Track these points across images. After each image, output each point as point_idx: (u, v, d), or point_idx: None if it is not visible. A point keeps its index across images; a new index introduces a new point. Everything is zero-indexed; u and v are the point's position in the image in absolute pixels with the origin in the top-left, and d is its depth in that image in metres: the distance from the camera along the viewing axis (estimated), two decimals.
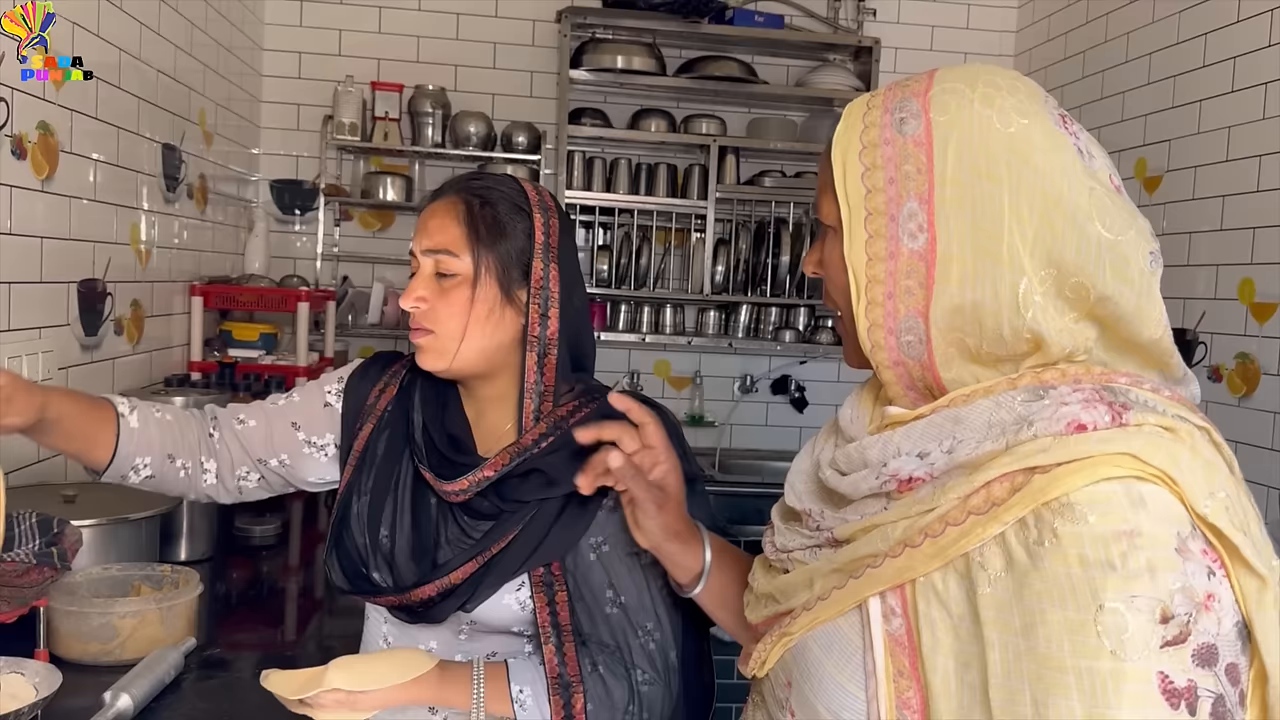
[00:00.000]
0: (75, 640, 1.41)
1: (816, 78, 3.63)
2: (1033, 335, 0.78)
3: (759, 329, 3.71)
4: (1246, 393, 2.51)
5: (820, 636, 0.84)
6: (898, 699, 0.77)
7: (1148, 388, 0.79)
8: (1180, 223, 2.80)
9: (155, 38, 2.51)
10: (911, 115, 0.81)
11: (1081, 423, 0.74)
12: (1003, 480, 0.74)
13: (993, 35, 3.86)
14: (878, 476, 0.81)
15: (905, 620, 0.77)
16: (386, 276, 3.64)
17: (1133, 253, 0.79)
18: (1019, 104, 0.79)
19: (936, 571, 0.76)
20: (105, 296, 2.27)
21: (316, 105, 3.57)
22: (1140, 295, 0.79)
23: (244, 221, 3.40)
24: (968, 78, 0.81)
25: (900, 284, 0.80)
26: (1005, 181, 0.77)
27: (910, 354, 0.81)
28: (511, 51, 3.71)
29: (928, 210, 0.79)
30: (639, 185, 3.62)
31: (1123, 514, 0.70)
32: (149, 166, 2.51)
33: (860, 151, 0.82)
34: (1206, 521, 0.72)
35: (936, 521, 0.76)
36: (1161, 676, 0.68)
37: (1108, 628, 0.68)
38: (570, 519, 1.23)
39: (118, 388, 2.35)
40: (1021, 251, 0.77)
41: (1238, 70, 2.60)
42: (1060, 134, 0.79)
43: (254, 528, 2.23)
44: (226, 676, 1.45)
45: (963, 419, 0.78)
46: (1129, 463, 0.72)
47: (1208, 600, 0.70)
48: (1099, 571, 0.69)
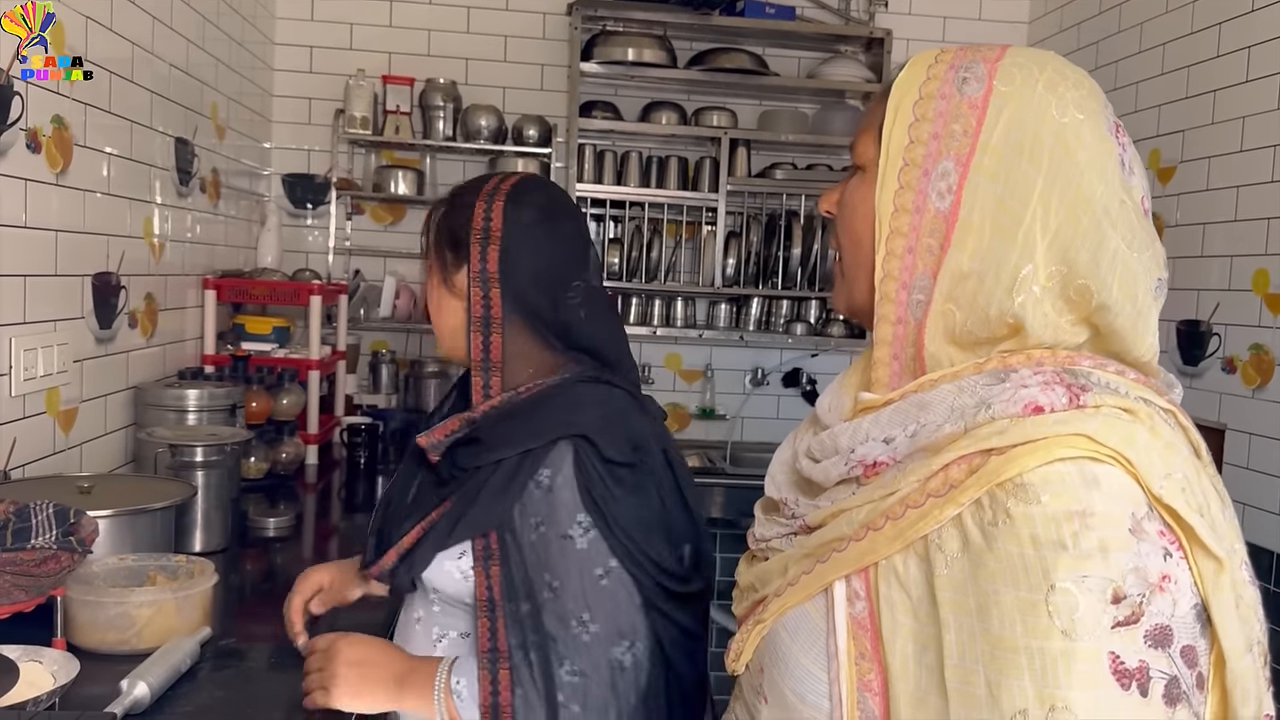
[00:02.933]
0: (92, 629, 1.42)
1: (828, 69, 3.62)
2: (1015, 321, 0.78)
3: (770, 322, 3.71)
4: (1260, 384, 2.50)
5: (789, 621, 0.84)
6: (859, 681, 0.77)
7: (1112, 370, 0.79)
8: (1194, 214, 2.79)
9: (168, 32, 2.52)
10: (975, 78, 0.80)
11: (1039, 404, 0.74)
12: (960, 462, 0.75)
13: (1005, 26, 3.84)
14: (846, 463, 0.82)
15: (868, 603, 0.78)
16: (398, 270, 3.65)
17: (1143, 273, 0.79)
18: (1080, 98, 0.79)
19: (898, 554, 0.76)
20: (119, 290, 2.28)
21: (328, 99, 3.58)
22: (1139, 315, 0.80)
23: (256, 215, 3.41)
24: (1039, 60, 0.81)
25: (922, 240, 0.80)
26: (1044, 166, 0.78)
27: (915, 314, 0.81)
28: (522, 45, 3.71)
29: (961, 173, 0.79)
30: (650, 178, 3.62)
31: (1075, 494, 0.70)
32: (162, 160, 2.52)
33: (916, 102, 0.82)
34: (1162, 502, 0.71)
35: (897, 504, 0.76)
36: (1112, 656, 0.68)
37: (1059, 608, 0.68)
38: (498, 487, 1.23)
39: (131, 380, 2.37)
40: (1039, 239, 0.77)
41: (1252, 60, 2.58)
42: (1110, 140, 0.79)
43: (268, 519, 2.24)
44: (241, 666, 1.46)
45: (927, 403, 0.79)
46: (1083, 443, 0.72)
47: (1162, 581, 0.70)
48: (1050, 551, 0.69)
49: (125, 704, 1.24)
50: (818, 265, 3.58)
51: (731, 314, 3.74)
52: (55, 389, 2.00)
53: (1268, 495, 2.45)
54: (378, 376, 3.58)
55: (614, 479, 1.21)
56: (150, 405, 2.34)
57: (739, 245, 3.59)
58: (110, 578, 1.51)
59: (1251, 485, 2.51)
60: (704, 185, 3.59)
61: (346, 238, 3.64)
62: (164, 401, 2.34)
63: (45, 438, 1.97)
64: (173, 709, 1.29)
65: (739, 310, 3.74)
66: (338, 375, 3.28)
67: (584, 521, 1.20)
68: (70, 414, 2.07)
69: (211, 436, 2.09)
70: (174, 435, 2.09)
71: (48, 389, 1.97)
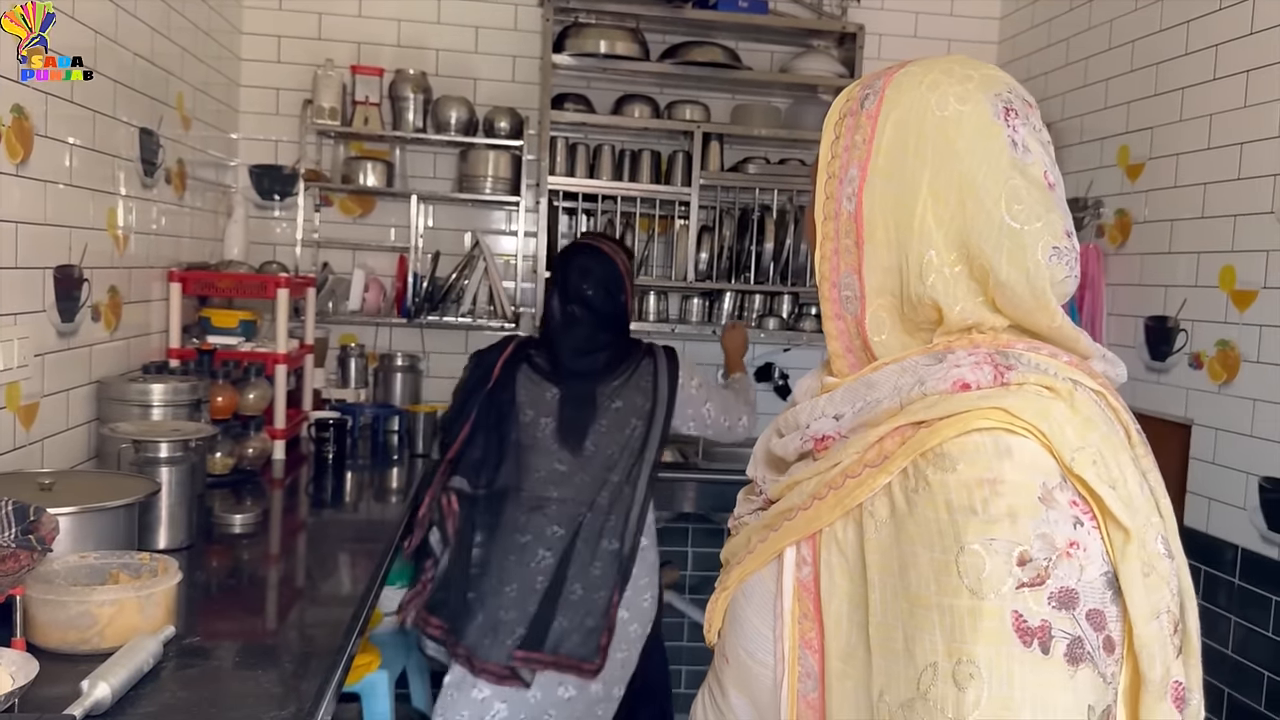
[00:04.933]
0: (53, 629, 1.39)
1: (801, 64, 3.62)
2: (932, 303, 0.85)
3: (743, 316, 3.71)
4: (1227, 380, 2.53)
5: (746, 587, 0.91)
6: (801, 639, 0.83)
7: (1045, 353, 0.84)
8: (1162, 210, 2.81)
9: (131, 20, 2.48)
10: (873, 93, 0.89)
11: (966, 382, 0.80)
12: (894, 435, 0.81)
13: (976, 22, 3.85)
14: (801, 437, 0.89)
15: (813, 568, 0.84)
16: (367, 263, 3.62)
17: (1032, 244, 0.83)
18: (964, 92, 0.85)
19: (839, 521, 0.82)
20: (82, 283, 2.24)
21: (296, 89, 3.54)
22: (1034, 283, 0.83)
23: (223, 207, 3.37)
24: (927, 65, 0.89)
25: (841, 242, 0.89)
26: (929, 158, 0.84)
27: (849, 309, 0.89)
28: (494, 36, 3.69)
29: (861, 176, 0.87)
30: (622, 171, 3.60)
31: (988, 463, 0.75)
32: (126, 151, 2.48)
33: (836, 122, 0.91)
34: (1074, 473, 0.76)
35: (839, 475, 0.83)
36: (1015, 615, 0.73)
37: (967, 568, 0.73)
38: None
39: (95, 375, 2.33)
40: (933, 226, 0.84)
41: (1219, 58, 2.60)
42: (996, 124, 0.84)
43: (234, 516, 2.22)
44: (206, 665, 1.44)
45: (874, 383, 0.85)
46: (1000, 416, 0.77)
47: (1070, 548, 0.74)
48: (962, 515, 0.74)
49: (86, 705, 1.22)
50: (790, 260, 3.58)
51: (704, 308, 3.73)
52: (16, 384, 1.96)
53: (1233, 490, 2.48)
54: (346, 371, 3.55)
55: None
56: (114, 400, 2.30)
57: (712, 240, 3.59)
58: (71, 576, 1.48)
59: (1218, 480, 2.54)
60: (677, 179, 3.58)
61: (315, 230, 3.60)
62: (128, 396, 2.31)
63: (5, 433, 1.94)
64: (135, 709, 1.27)
65: (711, 305, 3.74)
66: (305, 369, 3.25)
67: None
68: (31, 409, 2.03)
69: (176, 432, 2.06)
70: (138, 430, 2.06)
71: (8, 384, 1.93)
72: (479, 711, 2.32)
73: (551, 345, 2.51)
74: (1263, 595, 2.37)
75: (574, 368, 2.47)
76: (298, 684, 1.41)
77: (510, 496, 2.41)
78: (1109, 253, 3.03)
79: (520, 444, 2.44)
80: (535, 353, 2.51)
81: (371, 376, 3.59)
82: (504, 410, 2.45)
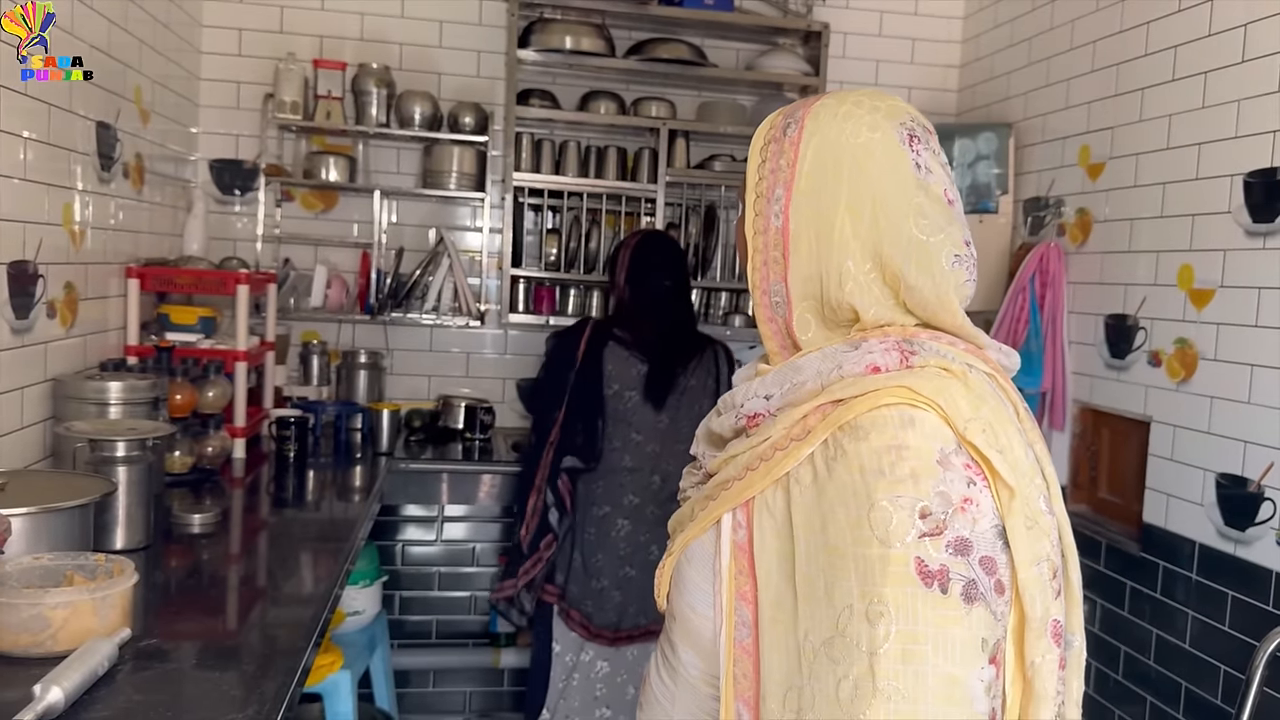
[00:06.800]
0: (5, 632, 1.37)
1: (766, 61, 3.63)
2: (850, 306, 0.97)
3: (709, 313, 3.71)
4: (1185, 377, 2.56)
5: (689, 552, 1.02)
6: (737, 592, 0.94)
7: (945, 342, 0.96)
8: (1122, 209, 2.84)
9: (87, 11, 2.43)
10: (794, 122, 1.01)
11: (877, 365, 0.93)
12: (816, 412, 0.92)
13: (940, 21, 3.88)
14: (736, 416, 1.00)
15: (747, 530, 0.94)
16: (330, 259, 3.58)
17: (937, 253, 0.95)
18: (874, 121, 0.98)
19: (770, 489, 0.93)
20: (37, 279, 2.20)
21: (257, 83, 3.50)
22: (939, 287, 0.96)
23: (182, 202, 3.32)
24: (842, 98, 1.01)
25: (770, 254, 1.00)
26: (845, 180, 0.97)
27: (778, 313, 1.01)
28: (458, 30, 3.66)
29: (787, 196, 0.99)
30: (588, 168, 3.59)
31: (894, 432, 0.88)
32: (82, 145, 2.44)
33: (762, 148, 1.03)
34: (967, 440, 0.88)
35: (769, 448, 0.94)
36: (918, 560, 0.84)
37: (876, 522, 0.85)
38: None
39: (50, 372, 2.29)
40: (851, 238, 0.96)
41: (1178, 59, 2.63)
42: (901, 150, 0.97)
43: (193, 515, 2.18)
44: (163, 667, 1.42)
45: (799, 367, 0.97)
46: (904, 393, 0.89)
47: (964, 503, 0.86)
48: (873, 477, 0.86)
49: (38, 710, 1.19)
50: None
51: None
52: None
53: (1190, 486, 2.51)
54: (308, 368, 3.51)
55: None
56: (70, 398, 2.26)
57: (678, 236, 3.59)
58: (24, 578, 1.45)
59: (1175, 476, 2.57)
60: (643, 176, 3.58)
61: (276, 225, 3.56)
62: (84, 394, 2.26)
63: None
64: (89, 714, 1.25)
65: None
66: (266, 367, 3.21)
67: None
68: None
69: (133, 430, 2.02)
70: (94, 429, 2.02)
71: None
72: (585, 671, 2.74)
73: (635, 323, 2.78)
74: (1219, 590, 2.41)
75: (660, 345, 2.76)
76: (258, 685, 1.39)
77: (599, 469, 2.73)
78: (1070, 251, 3.06)
79: (607, 416, 2.74)
80: (619, 330, 2.78)
81: (334, 374, 3.56)
82: (594, 386, 2.72)
